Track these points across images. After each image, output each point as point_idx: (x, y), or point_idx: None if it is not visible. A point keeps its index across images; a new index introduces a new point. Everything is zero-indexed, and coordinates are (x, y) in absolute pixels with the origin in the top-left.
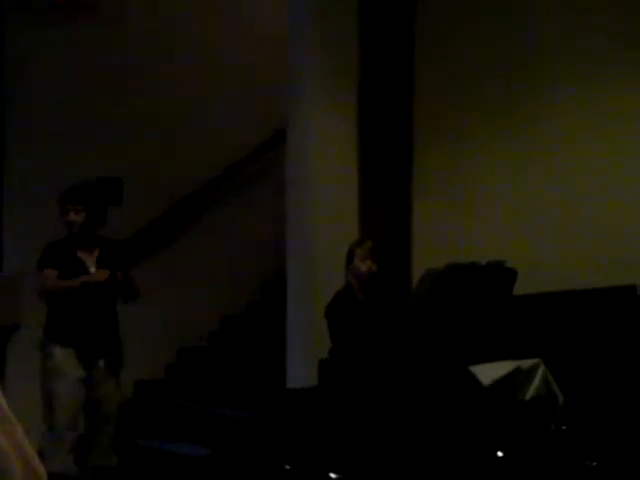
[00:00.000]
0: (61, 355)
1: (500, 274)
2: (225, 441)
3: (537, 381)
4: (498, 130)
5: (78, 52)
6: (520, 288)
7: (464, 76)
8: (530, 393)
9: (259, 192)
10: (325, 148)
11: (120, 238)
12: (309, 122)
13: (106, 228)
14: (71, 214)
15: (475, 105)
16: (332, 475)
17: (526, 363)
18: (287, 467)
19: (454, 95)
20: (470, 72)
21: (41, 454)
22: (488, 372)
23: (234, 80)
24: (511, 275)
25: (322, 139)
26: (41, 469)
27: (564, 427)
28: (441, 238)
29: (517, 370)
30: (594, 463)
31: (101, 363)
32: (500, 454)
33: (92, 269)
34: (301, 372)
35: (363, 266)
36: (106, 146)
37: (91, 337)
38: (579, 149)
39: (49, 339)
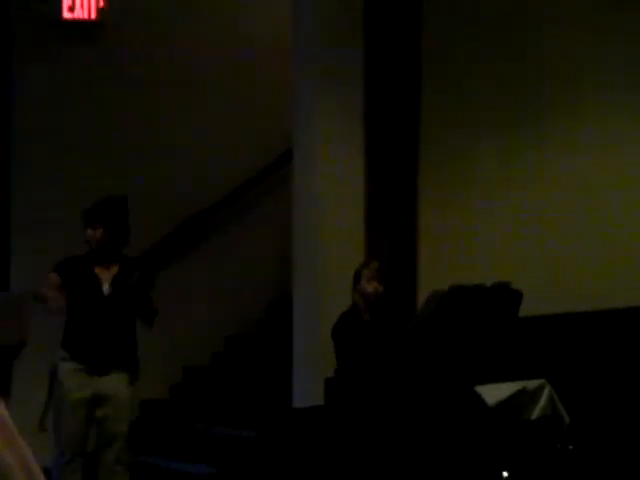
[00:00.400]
0: (66, 368)
1: (505, 296)
2: (231, 460)
3: (543, 401)
4: (507, 145)
5: (83, 71)
6: (526, 309)
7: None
8: (536, 413)
9: (265, 212)
10: (331, 167)
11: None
12: (314, 141)
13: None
14: (89, 230)
15: (481, 119)
16: None
17: (532, 384)
18: None
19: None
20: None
21: (48, 473)
22: (494, 392)
23: (241, 98)
24: (516, 297)
25: (327, 158)
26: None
27: (570, 447)
28: (447, 259)
29: (522, 390)
30: None
31: (111, 379)
32: (506, 474)
33: (106, 286)
34: (307, 391)
35: (369, 287)
36: (112, 166)
37: (101, 352)
38: (588, 164)
39: (60, 351)
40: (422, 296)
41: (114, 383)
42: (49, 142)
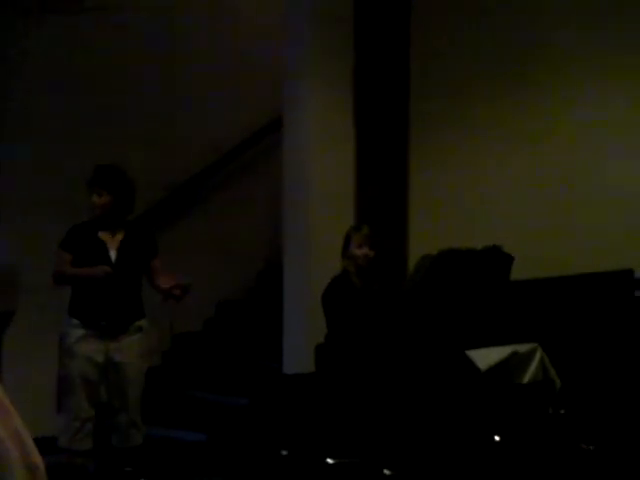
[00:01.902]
0: (76, 335)
1: (497, 259)
2: (222, 427)
3: (534, 365)
4: (494, 119)
5: (73, 47)
6: (517, 273)
7: (461, 73)
8: (527, 377)
9: (256, 179)
10: (321, 134)
11: None
12: (305, 109)
13: None
14: (94, 197)
15: (471, 96)
16: (329, 460)
17: (523, 347)
18: (284, 453)
19: (451, 84)
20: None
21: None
22: (485, 357)
23: (232, 66)
24: (508, 260)
25: (318, 125)
26: (38, 457)
27: (562, 411)
28: (438, 224)
29: (514, 354)
30: (592, 447)
31: (123, 344)
32: (497, 438)
33: (113, 252)
34: (298, 358)
35: (359, 252)
36: (102, 134)
37: (111, 317)
38: (575, 134)
39: (68, 319)
40: (413, 261)
41: (126, 347)
42: (38, 122)
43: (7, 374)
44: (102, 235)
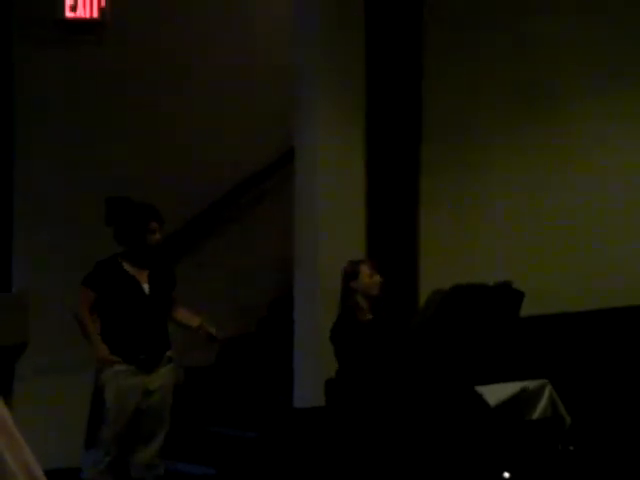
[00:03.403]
0: (113, 370)
1: (507, 295)
2: (231, 461)
3: (544, 402)
4: (508, 146)
5: (85, 71)
6: (527, 309)
7: (473, 89)
8: (537, 413)
9: (268, 210)
10: (332, 167)
11: None
12: (315, 140)
13: (113, 245)
14: (157, 234)
15: (486, 117)
16: None
17: (533, 384)
18: None
19: (462, 113)
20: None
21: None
22: (495, 392)
23: (244, 97)
24: (518, 296)
25: (329, 157)
26: None
27: (571, 448)
28: (449, 258)
29: (523, 391)
30: None
31: (158, 376)
32: (507, 475)
33: (145, 285)
34: (308, 392)
35: (374, 280)
36: (116, 165)
37: (149, 351)
38: (591, 165)
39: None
40: (424, 296)
41: (160, 379)
42: (51, 143)
43: (18, 406)
44: (130, 270)
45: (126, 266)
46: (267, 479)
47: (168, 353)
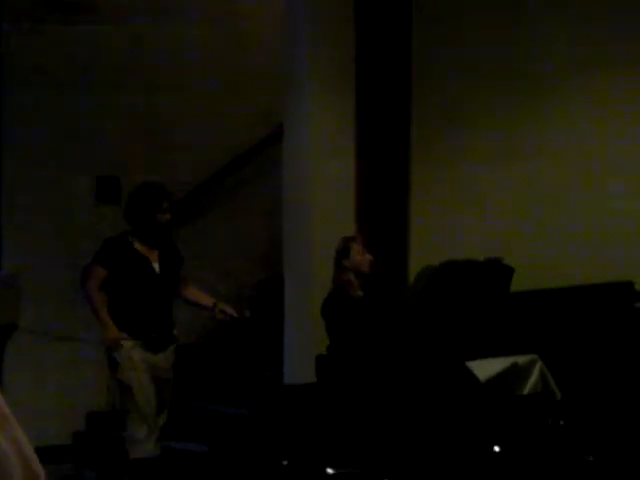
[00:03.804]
0: (127, 347)
1: (497, 271)
2: (223, 438)
3: (534, 377)
4: (497, 125)
5: (77, 51)
6: (516, 284)
7: (463, 71)
8: (527, 389)
9: (255, 190)
10: (321, 145)
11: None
12: (306, 119)
13: (105, 228)
14: (168, 213)
15: (474, 99)
16: (329, 471)
17: (523, 359)
18: (284, 463)
19: (453, 89)
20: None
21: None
22: (485, 368)
23: (235, 75)
24: (508, 272)
25: (319, 135)
26: (39, 468)
27: (561, 422)
28: (439, 235)
29: (514, 366)
30: (591, 458)
31: (166, 353)
32: (497, 449)
33: (155, 264)
34: (298, 369)
35: (364, 258)
36: (104, 145)
37: (160, 329)
38: (578, 143)
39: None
40: (414, 272)
41: (167, 356)
42: (38, 123)
43: (9, 385)
44: (141, 249)
45: (137, 245)
46: (258, 455)
47: (174, 332)
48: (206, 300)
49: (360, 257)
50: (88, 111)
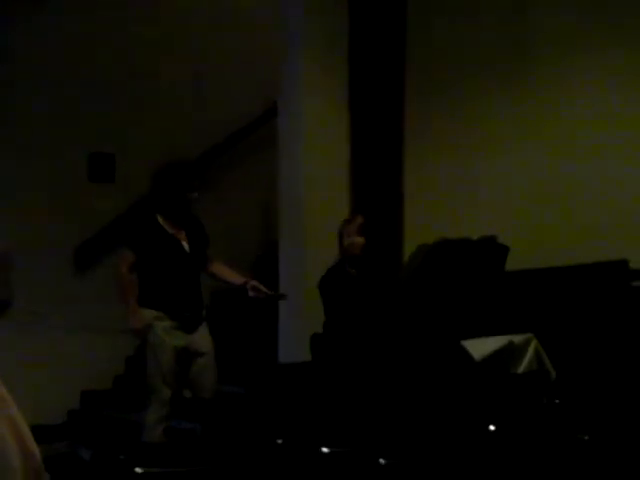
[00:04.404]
0: (162, 327)
1: (492, 249)
2: (218, 416)
3: (529, 355)
4: (494, 105)
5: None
6: (512, 263)
7: (459, 52)
8: (522, 367)
9: (252, 165)
10: (316, 124)
11: (113, 214)
12: (300, 97)
13: (102, 205)
14: (196, 193)
15: (472, 77)
16: (324, 450)
17: (518, 338)
18: (279, 441)
19: (449, 72)
20: (465, 47)
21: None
22: (480, 346)
23: (231, 50)
24: (503, 250)
25: (313, 111)
26: (34, 445)
27: (557, 401)
28: (434, 214)
29: (509, 344)
30: (586, 437)
31: (200, 333)
32: (492, 428)
33: (185, 244)
34: (293, 347)
35: (347, 241)
36: (100, 119)
37: (192, 308)
38: (577, 123)
39: (148, 311)
40: (408, 251)
41: (203, 337)
42: (33, 100)
43: (2, 363)
44: (169, 229)
45: (165, 225)
46: (253, 434)
47: (203, 311)
48: (236, 277)
49: (346, 239)
50: (87, 91)
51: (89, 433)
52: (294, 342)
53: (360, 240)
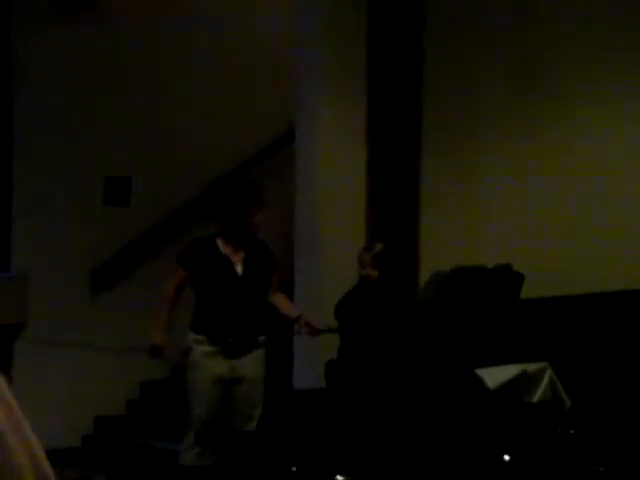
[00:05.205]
0: (202, 351)
1: (507, 278)
2: (232, 443)
3: (544, 384)
4: (507, 132)
5: (83, 47)
6: (527, 291)
7: (473, 78)
8: (537, 396)
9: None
10: (333, 149)
11: (124, 240)
12: (317, 117)
13: (113, 228)
14: (258, 217)
15: (484, 107)
16: (339, 477)
17: (533, 366)
18: (294, 469)
19: (463, 97)
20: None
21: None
22: (495, 375)
23: (245, 74)
24: (518, 279)
25: (330, 139)
26: (49, 469)
27: (571, 431)
28: (449, 241)
29: (524, 373)
30: (601, 468)
31: (247, 360)
32: (507, 457)
33: (238, 267)
34: (308, 374)
35: (362, 272)
36: (111, 147)
37: (238, 334)
38: (589, 151)
39: (193, 334)
40: (424, 278)
41: (250, 364)
42: (50, 123)
43: (17, 385)
44: (225, 250)
45: (220, 245)
46: (268, 461)
47: (261, 337)
48: (290, 311)
49: (361, 270)
50: (102, 111)
51: (103, 459)
52: (309, 368)
53: (374, 274)
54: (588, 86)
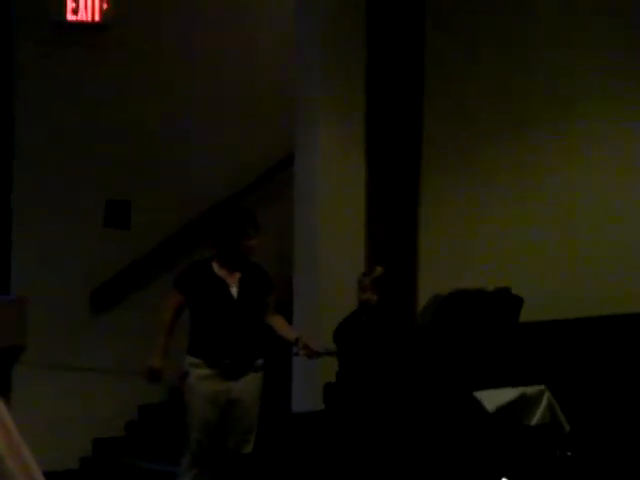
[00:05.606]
0: (198, 374)
1: (506, 301)
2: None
3: (542, 408)
4: (506, 154)
5: (86, 74)
6: (526, 315)
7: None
8: (535, 419)
9: (267, 215)
10: (332, 170)
11: (127, 261)
12: (316, 143)
13: (116, 251)
14: (254, 241)
15: (484, 129)
16: None
17: (531, 390)
18: None
19: (463, 116)
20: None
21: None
22: (493, 398)
23: (245, 100)
24: (517, 302)
25: (329, 160)
26: None
27: (569, 454)
28: (448, 264)
29: (522, 396)
30: None
31: (244, 383)
32: None
33: (233, 289)
34: (307, 397)
35: (362, 296)
36: (117, 168)
37: (235, 357)
38: (587, 173)
39: (189, 357)
40: (422, 301)
41: (246, 386)
42: (51, 145)
43: (17, 408)
44: (220, 272)
45: (216, 268)
46: None
47: (259, 360)
48: (288, 333)
49: (361, 294)
50: (104, 137)
51: None
52: (307, 391)
53: (374, 298)
54: (596, 105)
